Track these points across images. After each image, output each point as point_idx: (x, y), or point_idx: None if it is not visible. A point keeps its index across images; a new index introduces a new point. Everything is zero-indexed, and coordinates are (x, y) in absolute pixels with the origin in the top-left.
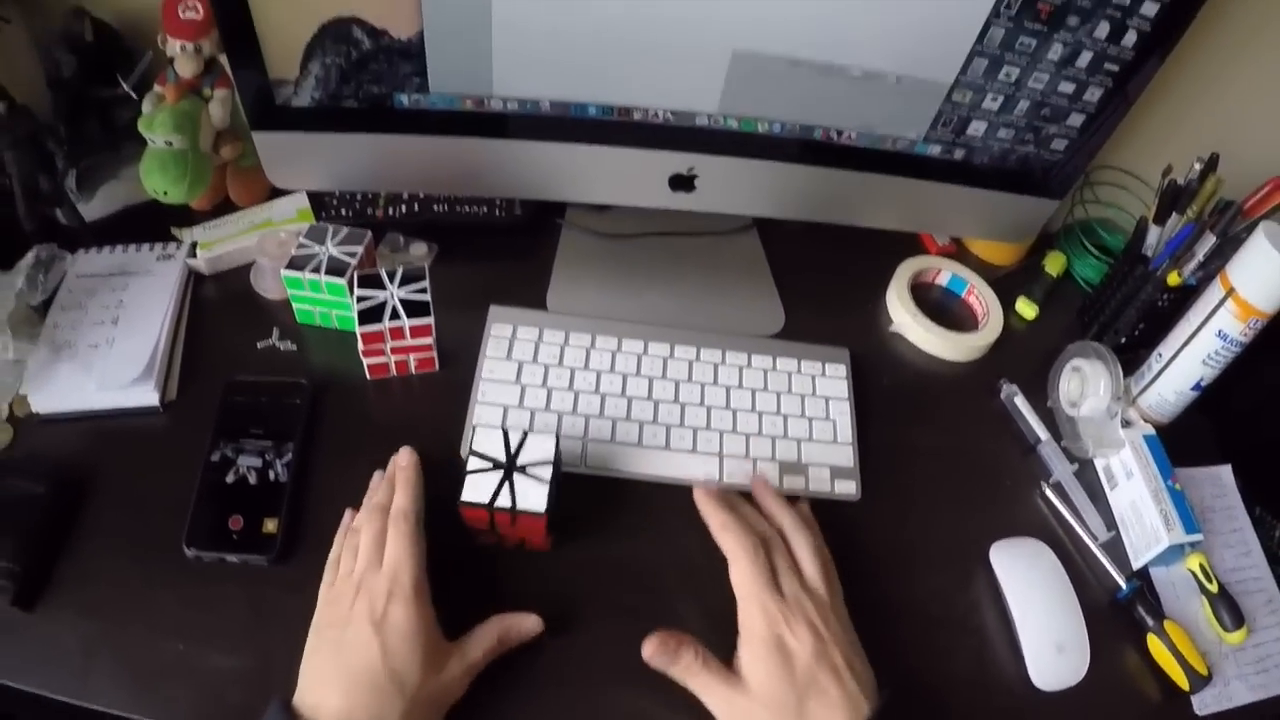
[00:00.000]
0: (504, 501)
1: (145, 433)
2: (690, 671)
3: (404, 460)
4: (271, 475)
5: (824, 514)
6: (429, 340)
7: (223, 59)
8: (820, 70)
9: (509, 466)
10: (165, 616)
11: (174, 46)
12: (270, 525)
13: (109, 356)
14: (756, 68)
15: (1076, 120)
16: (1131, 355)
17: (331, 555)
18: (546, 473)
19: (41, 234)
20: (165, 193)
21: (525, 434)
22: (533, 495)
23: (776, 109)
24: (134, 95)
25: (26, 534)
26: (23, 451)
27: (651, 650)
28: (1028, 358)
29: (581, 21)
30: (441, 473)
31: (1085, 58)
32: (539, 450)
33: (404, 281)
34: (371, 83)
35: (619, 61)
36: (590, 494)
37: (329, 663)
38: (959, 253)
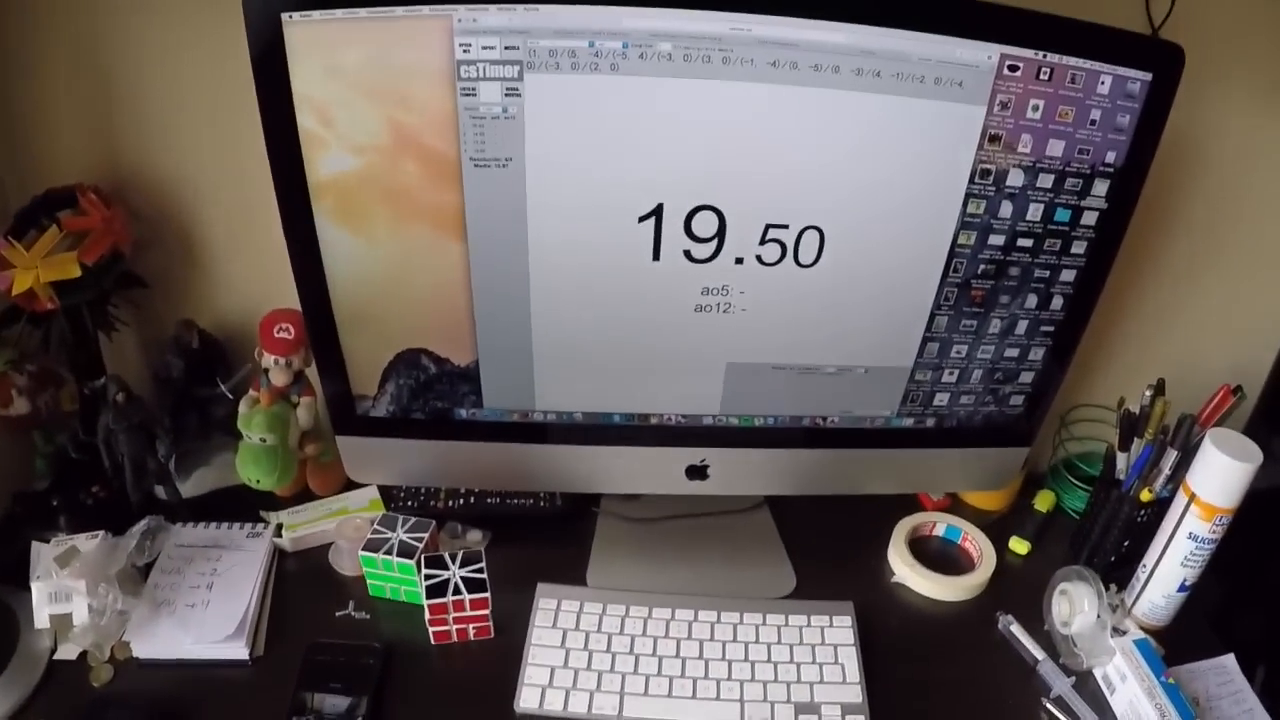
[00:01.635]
0: None
1: (234, 682)
2: None
3: None
4: None
5: None
6: (486, 612)
7: (308, 371)
8: (800, 371)
9: None
10: None
11: (269, 359)
12: None
13: (204, 615)
14: (747, 375)
15: (1027, 378)
16: (1125, 570)
17: None
18: None
19: (144, 507)
20: (258, 481)
21: None
22: None
23: (768, 406)
24: (230, 396)
25: None
26: (121, 690)
27: None
28: (1024, 589)
29: (603, 350)
30: None
31: (1022, 325)
32: None
33: (464, 563)
34: (436, 400)
35: (636, 378)
36: None
37: None
38: (954, 504)
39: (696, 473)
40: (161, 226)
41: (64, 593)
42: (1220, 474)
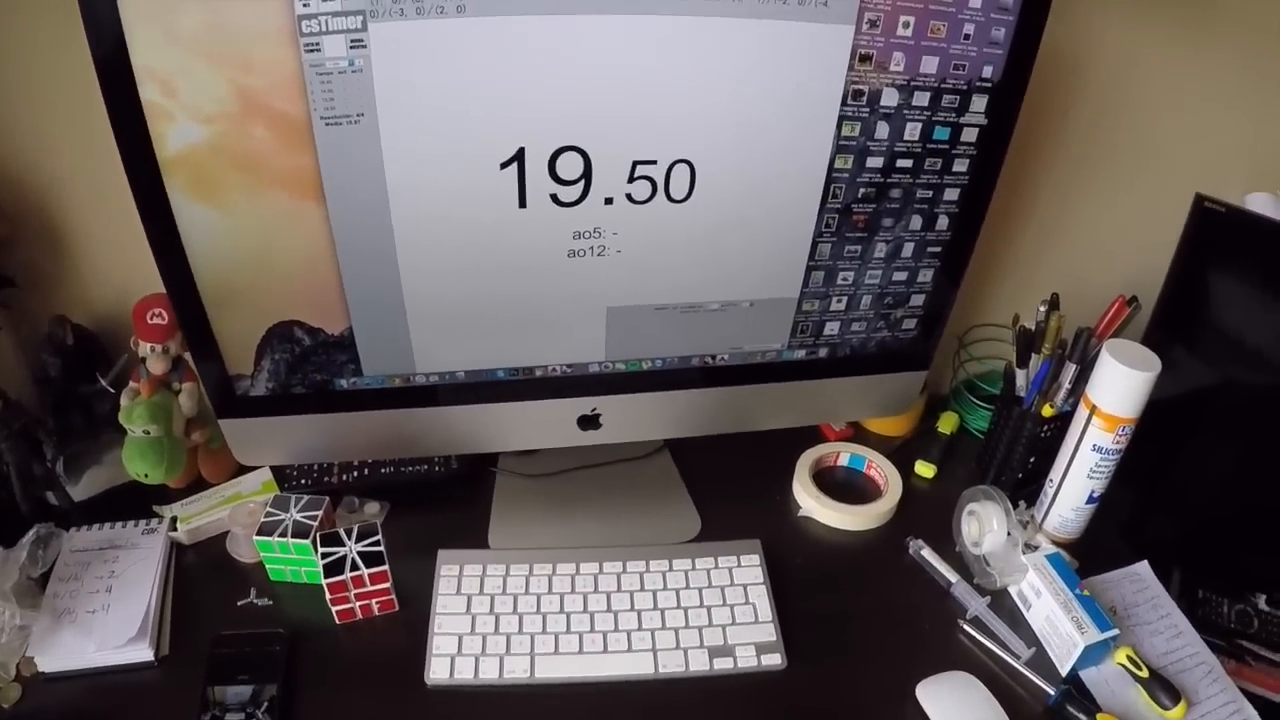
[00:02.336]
0: None
1: (142, 685)
2: None
3: None
4: (258, 716)
5: (755, 687)
6: (387, 585)
7: (188, 356)
8: (682, 310)
9: None
10: None
11: (145, 348)
12: None
13: (106, 620)
14: (629, 318)
15: (918, 300)
16: (1033, 487)
17: None
18: None
19: (36, 514)
20: (146, 475)
21: None
22: None
23: (654, 348)
24: (111, 390)
25: None
26: (31, 706)
27: None
28: (932, 512)
29: (478, 305)
30: (408, 701)
31: (908, 248)
32: None
33: (360, 538)
34: (314, 372)
35: (515, 331)
36: (542, 702)
37: None
38: (857, 433)
39: (589, 422)
40: (23, 222)
41: None
42: (1119, 384)
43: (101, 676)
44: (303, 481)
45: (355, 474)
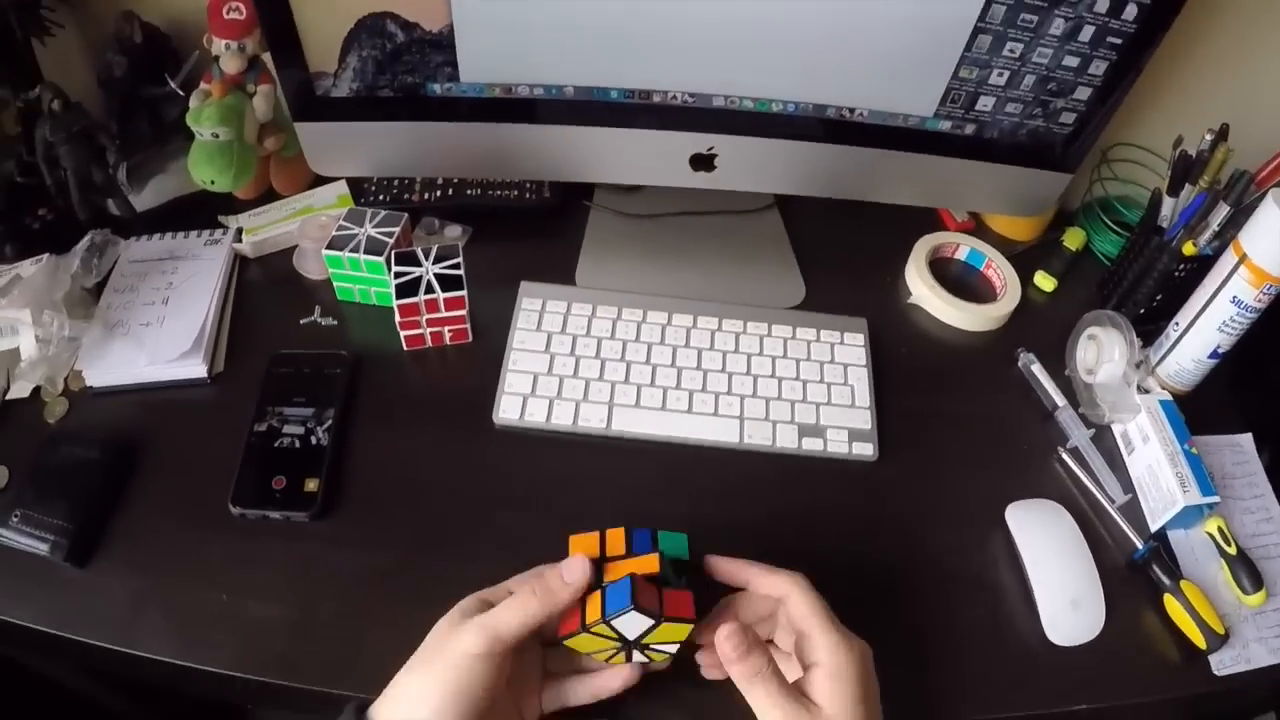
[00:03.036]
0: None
1: (193, 403)
2: (760, 679)
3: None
4: (313, 440)
5: (841, 474)
6: (462, 312)
7: (265, 57)
8: (829, 52)
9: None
10: (210, 570)
11: (219, 45)
12: (311, 485)
13: (159, 333)
14: (769, 45)
15: (1084, 93)
16: (1151, 326)
17: None
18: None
19: (95, 224)
20: (212, 182)
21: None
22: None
23: (789, 89)
24: (181, 93)
25: (80, 496)
26: (77, 422)
27: (726, 644)
28: (1046, 328)
29: (600, 11)
30: (472, 438)
31: (1087, 31)
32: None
33: (438, 259)
34: (405, 73)
35: (637, 47)
36: (615, 457)
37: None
38: (978, 228)
39: (702, 163)
40: None
41: (7, 325)
42: (1278, 238)
43: (152, 392)
44: (381, 197)
45: (438, 193)
